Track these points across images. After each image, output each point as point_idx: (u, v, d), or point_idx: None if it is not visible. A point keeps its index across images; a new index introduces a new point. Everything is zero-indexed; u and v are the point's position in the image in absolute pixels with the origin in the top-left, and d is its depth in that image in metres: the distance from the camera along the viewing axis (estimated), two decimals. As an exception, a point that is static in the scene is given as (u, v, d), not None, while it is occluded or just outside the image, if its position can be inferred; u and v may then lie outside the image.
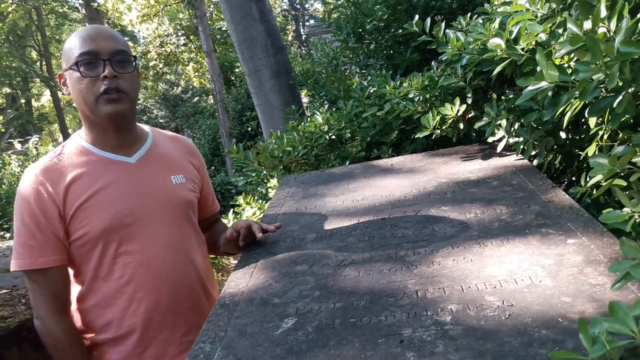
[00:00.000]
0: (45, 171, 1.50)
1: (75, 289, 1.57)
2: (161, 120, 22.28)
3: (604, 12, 1.16)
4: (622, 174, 1.21)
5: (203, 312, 1.59)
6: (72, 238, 1.49)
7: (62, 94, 1.59)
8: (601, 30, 1.16)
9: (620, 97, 1.06)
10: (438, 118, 2.05)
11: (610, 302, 0.74)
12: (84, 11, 13.73)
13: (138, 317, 1.52)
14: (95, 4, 13.67)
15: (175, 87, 23.74)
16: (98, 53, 1.47)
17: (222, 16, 17.97)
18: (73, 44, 1.50)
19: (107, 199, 1.49)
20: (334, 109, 2.83)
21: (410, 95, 2.23)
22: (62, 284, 1.51)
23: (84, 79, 1.47)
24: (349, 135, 2.56)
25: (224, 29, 19.48)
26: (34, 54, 27.57)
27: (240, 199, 3.45)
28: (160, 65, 19.01)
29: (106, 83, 1.46)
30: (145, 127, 1.73)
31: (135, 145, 1.62)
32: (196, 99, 22.75)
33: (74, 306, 1.57)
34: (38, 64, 27.38)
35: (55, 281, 1.49)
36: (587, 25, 1.20)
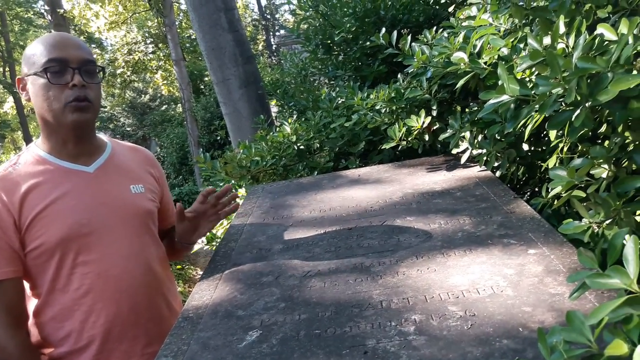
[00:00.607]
0: (0, 181, 1.47)
1: (31, 303, 1.52)
2: (128, 129, 21.93)
3: (562, 29, 1.19)
4: (580, 186, 1.25)
5: (164, 323, 1.56)
6: (28, 249, 1.45)
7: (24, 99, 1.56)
8: (560, 45, 1.20)
9: (578, 111, 1.09)
10: (404, 129, 2.07)
11: (567, 312, 0.75)
12: (49, 17, 13.46)
13: (97, 329, 1.48)
14: (62, 11, 13.41)
15: (143, 95, 23.43)
16: (67, 61, 1.46)
17: (191, 24, 17.86)
18: (39, 49, 1.48)
19: (64, 208, 1.46)
20: (302, 119, 2.83)
21: (377, 107, 2.26)
22: (16, 296, 1.46)
23: (51, 86, 1.45)
24: (318, 145, 2.57)
25: (193, 37, 19.35)
26: (-4, 60, 26.85)
27: (208, 209, 3.41)
28: (128, 73, 18.75)
29: (75, 92, 1.46)
30: (104, 137, 1.71)
31: (94, 154, 1.60)
32: (164, 107, 22.49)
33: (30, 320, 1.52)
34: (1, 70, 26.70)
35: (9, 294, 1.44)
36: (547, 40, 1.23)
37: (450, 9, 2.90)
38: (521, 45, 1.48)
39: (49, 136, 1.54)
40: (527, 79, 1.41)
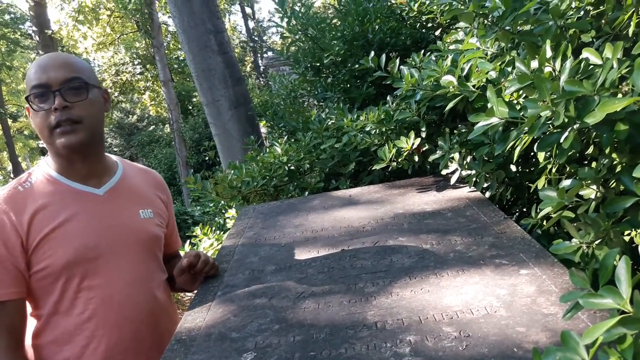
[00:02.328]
0: (9, 199, 1.44)
1: (31, 324, 1.49)
2: (115, 149, 21.86)
3: (549, 53, 1.23)
4: (570, 206, 1.27)
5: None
6: (33, 270, 1.42)
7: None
8: (547, 69, 1.23)
9: (566, 133, 1.12)
10: (394, 151, 2.10)
11: (562, 332, 0.76)
12: (37, 38, 13.46)
13: (98, 356, 1.45)
14: (50, 32, 13.42)
15: (130, 116, 23.40)
16: (48, 85, 1.43)
17: (180, 46, 17.96)
18: (29, 74, 1.47)
19: (72, 231, 1.44)
20: (292, 140, 2.85)
21: (367, 128, 2.28)
22: (18, 318, 1.43)
23: (37, 113, 1.45)
24: (308, 166, 2.58)
25: (181, 58, 19.45)
26: (-18, 81, 26.66)
27: (198, 230, 3.40)
28: (116, 94, 18.74)
29: (57, 115, 1.42)
30: (114, 158, 1.69)
31: (105, 176, 1.58)
32: (152, 127, 22.47)
33: (28, 342, 1.48)
34: (-14, 90, 26.48)
35: (12, 315, 1.41)
36: (534, 64, 1.26)
37: (437, 33, 2.95)
38: (509, 69, 1.51)
39: (55, 157, 1.53)
40: (515, 102, 1.44)
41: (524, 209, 2.00)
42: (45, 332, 1.47)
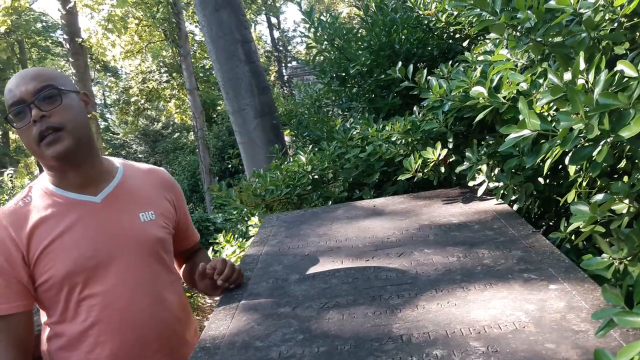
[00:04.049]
0: (10, 215, 1.47)
1: (44, 331, 1.53)
2: (140, 155, 22.18)
3: (582, 65, 1.21)
4: (601, 221, 1.24)
5: (174, 354, 1.54)
6: (37, 283, 1.45)
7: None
8: (580, 81, 1.21)
9: (600, 147, 1.10)
10: (420, 161, 2.08)
11: (595, 350, 0.74)
12: (67, 46, 13.76)
13: None
14: (80, 40, 13.72)
15: (155, 123, 23.75)
16: (23, 100, 1.42)
17: (206, 55, 18.19)
18: (5, 96, 1.46)
19: (69, 241, 1.45)
20: (316, 149, 2.85)
21: (393, 138, 2.27)
22: (24, 330, 1.46)
23: (21, 131, 1.44)
24: (332, 175, 2.58)
25: (207, 67, 19.69)
26: (13, 87, 27.26)
27: (220, 237, 3.42)
28: (142, 101, 19.05)
29: (37, 127, 1.40)
30: (116, 161, 1.67)
31: (102, 182, 1.56)
32: (176, 135, 22.76)
33: (43, 346, 1.53)
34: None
35: (18, 328, 1.43)
36: (567, 76, 1.24)
37: (465, 44, 2.93)
38: (540, 81, 1.49)
39: (48, 170, 1.53)
40: (546, 114, 1.42)
41: (551, 223, 1.96)
42: (54, 339, 1.51)
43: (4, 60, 23.64)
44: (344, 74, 3.20)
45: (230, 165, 14.14)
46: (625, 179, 1.28)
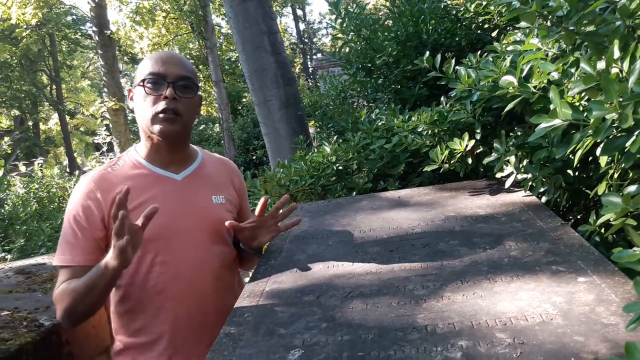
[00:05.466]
0: (98, 179, 1.62)
1: (113, 292, 1.64)
2: (167, 147, 22.39)
3: (617, 54, 1.17)
4: (633, 213, 1.21)
5: None
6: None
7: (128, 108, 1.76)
8: (614, 70, 1.17)
9: (634, 137, 1.07)
10: (447, 152, 2.06)
11: (626, 343, 0.73)
12: (96, 38, 13.95)
13: (166, 325, 1.61)
14: (108, 32, 13.90)
15: (182, 115, 23.92)
16: (165, 75, 1.60)
17: (232, 47, 18.27)
18: (145, 64, 1.64)
19: None
20: (341, 140, 2.84)
21: (419, 129, 2.25)
22: None
23: (147, 96, 1.60)
24: (356, 166, 2.57)
25: (233, 59, 19.78)
26: (44, 79, 27.93)
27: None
28: (169, 93, 19.21)
29: (165, 103, 1.58)
30: (196, 148, 1.85)
31: (185, 164, 1.74)
32: (202, 126, 22.93)
33: (112, 308, 1.69)
34: (48, 88, 27.72)
35: None
36: (600, 65, 1.21)
37: (493, 34, 2.88)
38: (572, 70, 1.45)
39: (145, 142, 1.69)
40: (577, 104, 1.39)
41: (579, 216, 1.92)
42: (123, 302, 1.65)
43: (35, 53, 24.13)
44: (370, 65, 3.17)
45: (254, 157, 14.21)
46: (659, 171, 1.25)
